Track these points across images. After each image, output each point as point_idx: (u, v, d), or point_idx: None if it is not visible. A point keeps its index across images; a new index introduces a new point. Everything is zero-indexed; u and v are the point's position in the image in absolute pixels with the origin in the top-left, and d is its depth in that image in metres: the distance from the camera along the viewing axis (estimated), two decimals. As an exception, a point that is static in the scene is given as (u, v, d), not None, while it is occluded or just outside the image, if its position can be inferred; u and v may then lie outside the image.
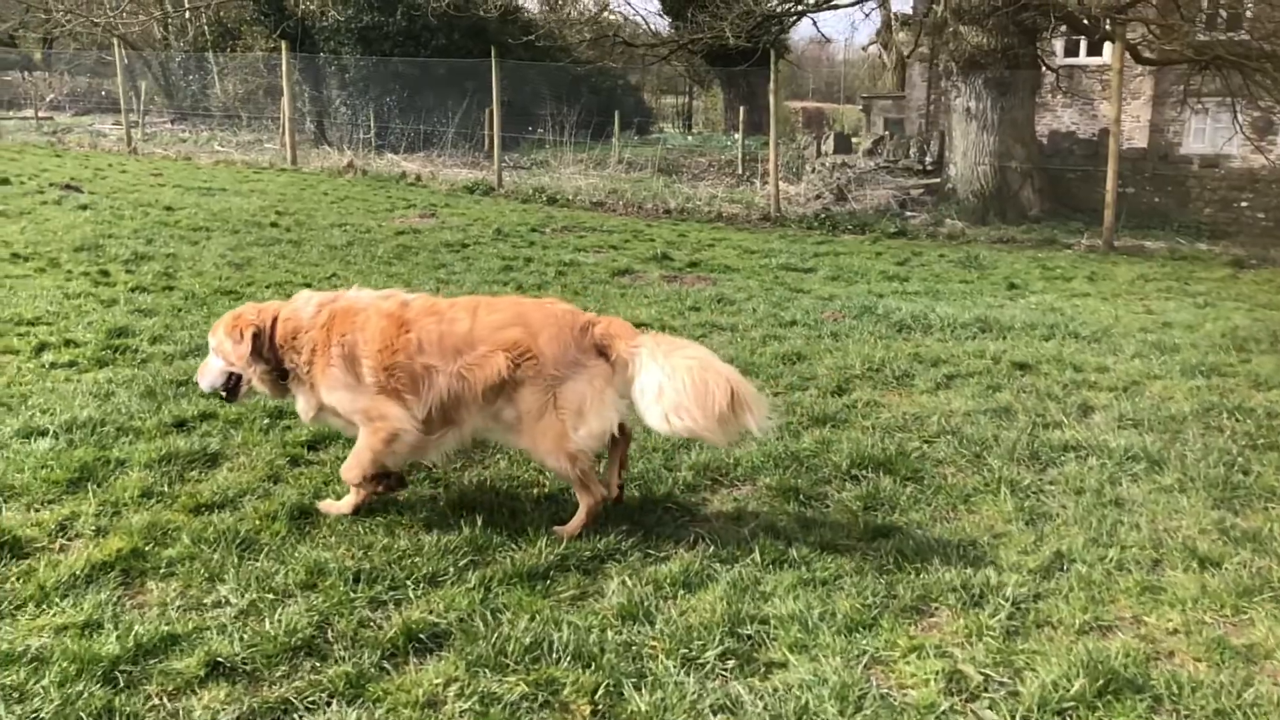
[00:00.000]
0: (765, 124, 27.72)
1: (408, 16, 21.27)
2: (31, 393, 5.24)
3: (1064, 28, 16.57)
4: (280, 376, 3.99)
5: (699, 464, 4.54)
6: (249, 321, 3.95)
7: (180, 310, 7.28)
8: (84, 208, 12.26)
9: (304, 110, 21.81)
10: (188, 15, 27.10)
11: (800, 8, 17.54)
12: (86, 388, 5.34)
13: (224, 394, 4.15)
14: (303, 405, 4.01)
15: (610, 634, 3.12)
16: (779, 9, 17.89)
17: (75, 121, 26.72)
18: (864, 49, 37.37)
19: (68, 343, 6.23)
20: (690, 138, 23.86)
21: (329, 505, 3.98)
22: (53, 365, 5.79)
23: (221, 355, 4.04)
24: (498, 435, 4.00)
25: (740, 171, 19.66)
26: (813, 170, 17.59)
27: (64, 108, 29.16)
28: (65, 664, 2.81)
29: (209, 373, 4.11)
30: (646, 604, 3.29)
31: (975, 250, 12.47)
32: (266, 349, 3.94)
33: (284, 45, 18.72)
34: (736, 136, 21.21)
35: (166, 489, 4.08)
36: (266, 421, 4.94)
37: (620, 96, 25.05)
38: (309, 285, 7.94)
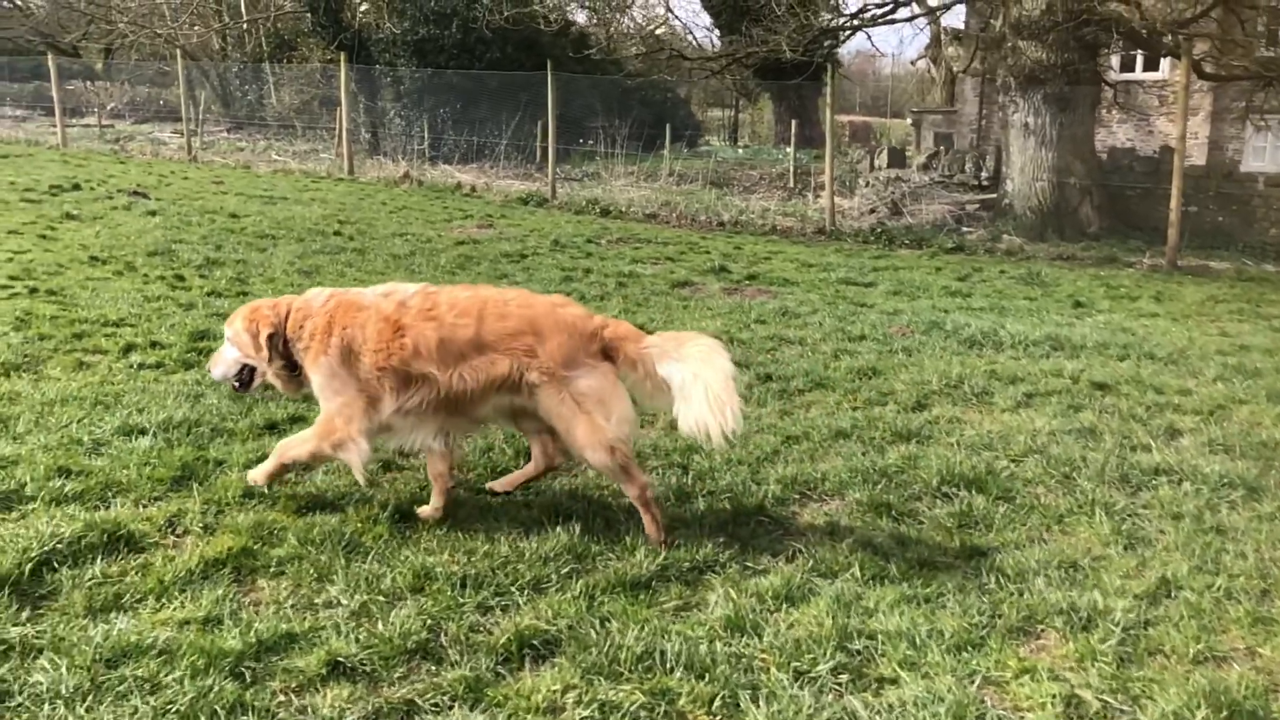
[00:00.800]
0: (815, 138, 27.68)
1: (463, 29, 21.51)
2: (124, 392, 5.36)
3: (1125, 43, 16.39)
4: (294, 371, 4.03)
5: (785, 477, 4.54)
6: (266, 319, 3.99)
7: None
8: (153, 213, 12.52)
9: (359, 121, 22.12)
10: (245, 27, 27.61)
11: (855, 22, 17.49)
12: (176, 388, 5.45)
13: (236, 384, 4.19)
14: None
15: (719, 645, 3.12)
16: (834, 24, 17.85)
17: (135, 129, 27.30)
18: (912, 63, 37.13)
19: (153, 344, 6.36)
20: (740, 151, 23.86)
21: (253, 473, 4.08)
22: (141, 366, 5.92)
23: (238, 346, 4.08)
24: (513, 426, 4.16)
25: (792, 185, 19.62)
26: (866, 184, 17.52)
27: (124, 116, 29.79)
28: (193, 658, 2.87)
29: (223, 362, 4.15)
30: (752, 616, 3.29)
31: (1036, 267, 12.34)
32: (282, 344, 3.99)
33: (342, 57, 19.02)
34: (788, 150, 21.18)
35: (266, 490, 4.15)
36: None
37: (670, 109, 25.14)
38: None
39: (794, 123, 20.36)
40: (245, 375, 4.14)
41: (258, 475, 4.06)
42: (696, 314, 8.53)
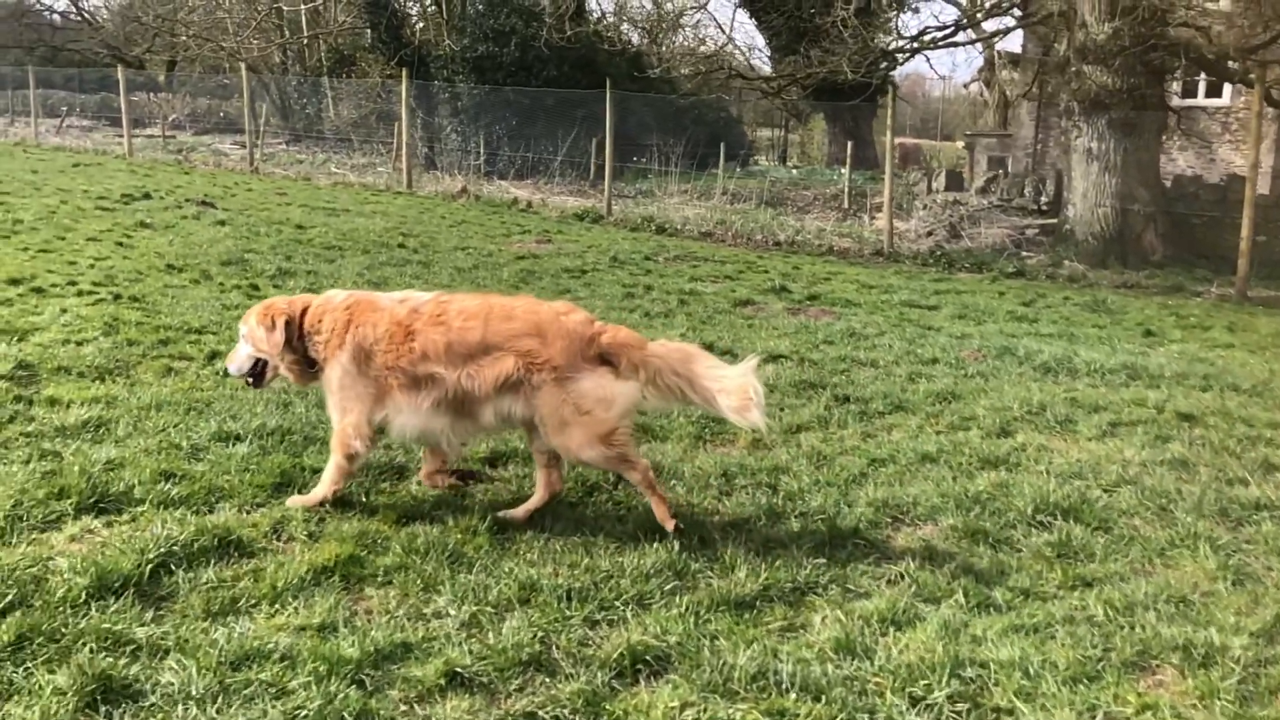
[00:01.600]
0: (869, 158, 27.57)
1: (521, 47, 21.76)
2: (214, 399, 5.46)
3: (1191, 68, 16.17)
4: (308, 364, 4.21)
5: (876, 500, 4.51)
6: (281, 310, 4.19)
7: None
8: (221, 223, 12.77)
9: (416, 135, 22.42)
10: (305, 42, 28.15)
11: (915, 45, 17.45)
12: (264, 396, 5.53)
13: (250, 380, 4.37)
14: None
15: (830, 667, 3.10)
16: (893, 46, 17.83)
17: (197, 140, 27.90)
18: (965, 86, 36.86)
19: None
20: (794, 171, 23.86)
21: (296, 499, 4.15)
22: (227, 373, 6.02)
23: (251, 342, 4.26)
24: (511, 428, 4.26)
25: (846, 206, 19.56)
26: (924, 207, 17.43)
27: (185, 127, 30.48)
28: (315, 664, 2.91)
29: (237, 358, 4.34)
30: (861, 640, 3.27)
31: (1100, 294, 12.18)
32: (295, 338, 4.16)
33: (404, 73, 19.32)
34: (843, 171, 21.13)
35: (364, 499, 4.20)
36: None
37: (722, 128, 25.21)
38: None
39: (849, 144, 20.30)
40: (258, 370, 4.32)
41: (311, 501, 4.13)
42: (762, 333, 8.51)
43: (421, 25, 25.43)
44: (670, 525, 3.92)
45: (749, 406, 3.92)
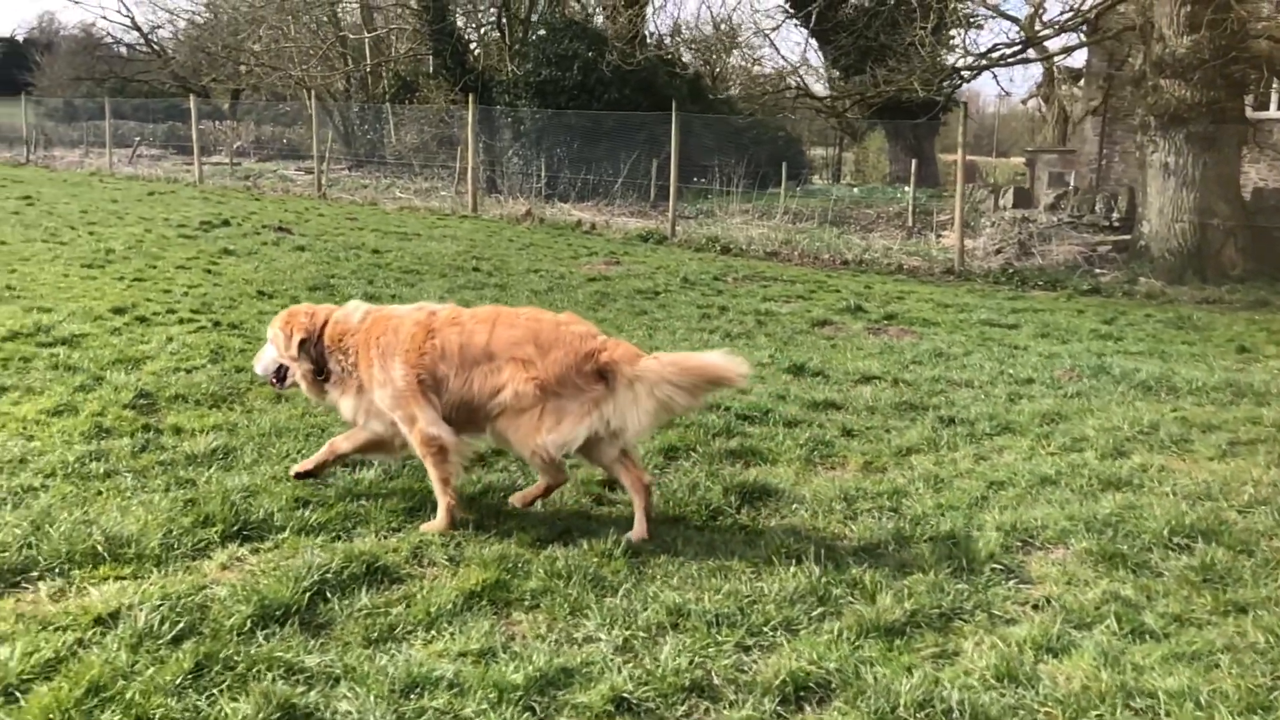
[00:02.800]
0: (930, 176, 27.35)
1: (583, 71, 21.98)
2: (329, 424, 5.55)
3: (1271, 80, 15.85)
4: (320, 378, 4.35)
5: (1003, 524, 4.45)
6: (301, 325, 4.35)
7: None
8: (301, 249, 13.03)
9: (478, 159, 22.72)
10: (368, 69, 28.72)
11: (983, 62, 17.31)
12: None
13: (274, 381, 4.55)
14: (347, 406, 4.34)
15: (995, 695, 3.06)
16: (960, 63, 17.72)
17: (263, 167, 28.54)
18: (1023, 102, 36.48)
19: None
20: (856, 189, 23.77)
21: (428, 526, 4.20)
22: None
23: (275, 346, 4.45)
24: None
25: (911, 224, 19.41)
26: (992, 224, 17.23)
27: (249, 154, 31.20)
28: (485, 690, 2.94)
29: (263, 360, 4.56)
30: (1020, 667, 3.22)
31: (1183, 311, 11.94)
32: (313, 349, 4.31)
33: (470, 99, 19.60)
34: (906, 189, 20.99)
35: (495, 523, 4.24)
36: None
37: (781, 148, 25.20)
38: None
39: (914, 161, 20.16)
40: (281, 373, 4.50)
41: (437, 527, 4.19)
42: (847, 354, 8.47)
43: (484, 51, 25.81)
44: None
45: (732, 361, 4.10)
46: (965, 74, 17.35)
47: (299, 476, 4.49)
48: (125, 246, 11.98)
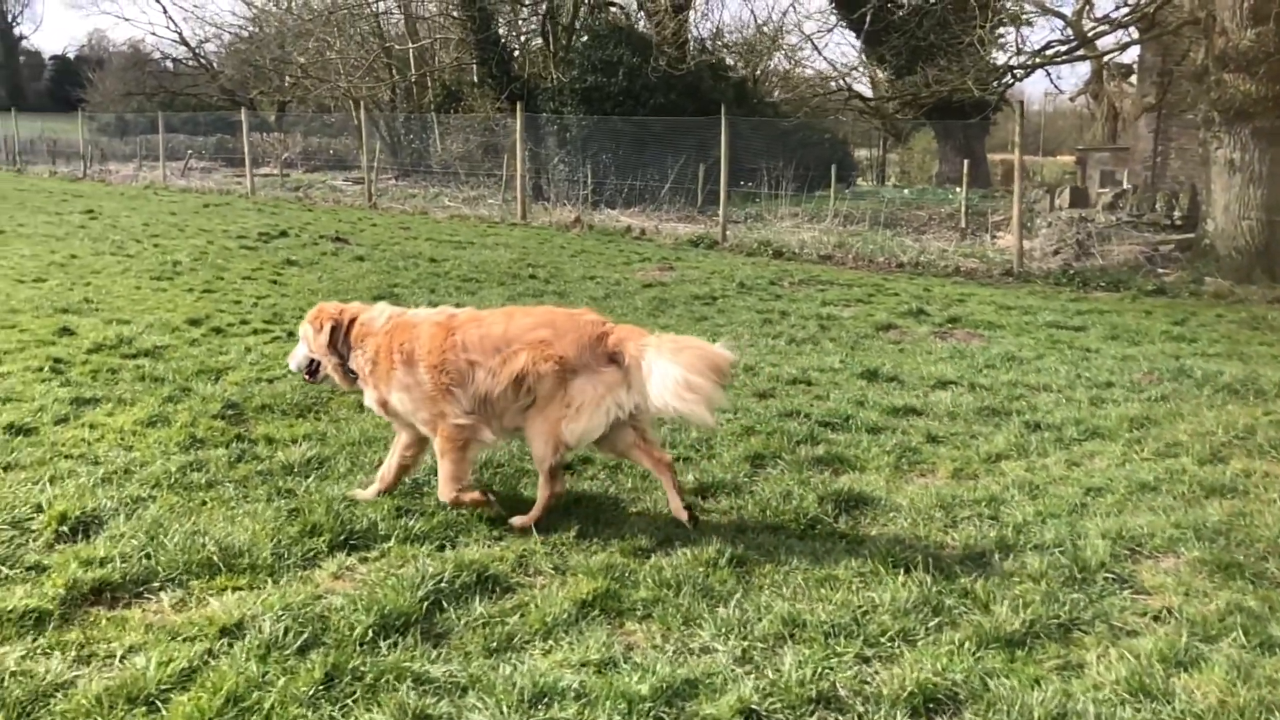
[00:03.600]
0: (981, 177, 27.06)
1: (629, 77, 22.03)
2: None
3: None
4: (348, 370, 4.54)
5: (1108, 532, 4.36)
6: (329, 316, 4.56)
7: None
8: (360, 259, 13.17)
9: (525, 167, 22.86)
10: (414, 79, 29.01)
11: (1037, 61, 17.09)
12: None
13: (306, 375, 4.76)
14: (370, 399, 4.52)
15: (1130, 709, 2.99)
16: (1012, 62, 17.51)
17: (311, 178, 28.92)
18: (1071, 99, 35.95)
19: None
20: (907, 191, 23.59)
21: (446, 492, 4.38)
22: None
23: (306, 341, 4.65)
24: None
25: (964, 225, 19.21)
26: (1048, 224, 16.99)
27: (296, 165, 31.64)
28: (613, 700, 2.93)
29: (296, 355, 4.77)
30: (1151, 681, 3.15)
31: (1256, 311, 11.68)
32: (341, 343, 4.50)
33: (519, 107, 19.71)
34: (957, 190, 20.77)
35: (594, 531, 4.23)
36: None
37: (827, 151, 25.07)
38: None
39: (965, 162, 19.96)
40: (312, 368, 4.72)
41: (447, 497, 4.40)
42: (917, 358, 8.38)
43: (528, 59, 25.96)
44: (529, 528, 4.18)
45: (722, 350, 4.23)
46: (1018, 72, 17.10)
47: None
48: (190, 258, 12.18)
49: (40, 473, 4.62)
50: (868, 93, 29.82)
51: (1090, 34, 18.55)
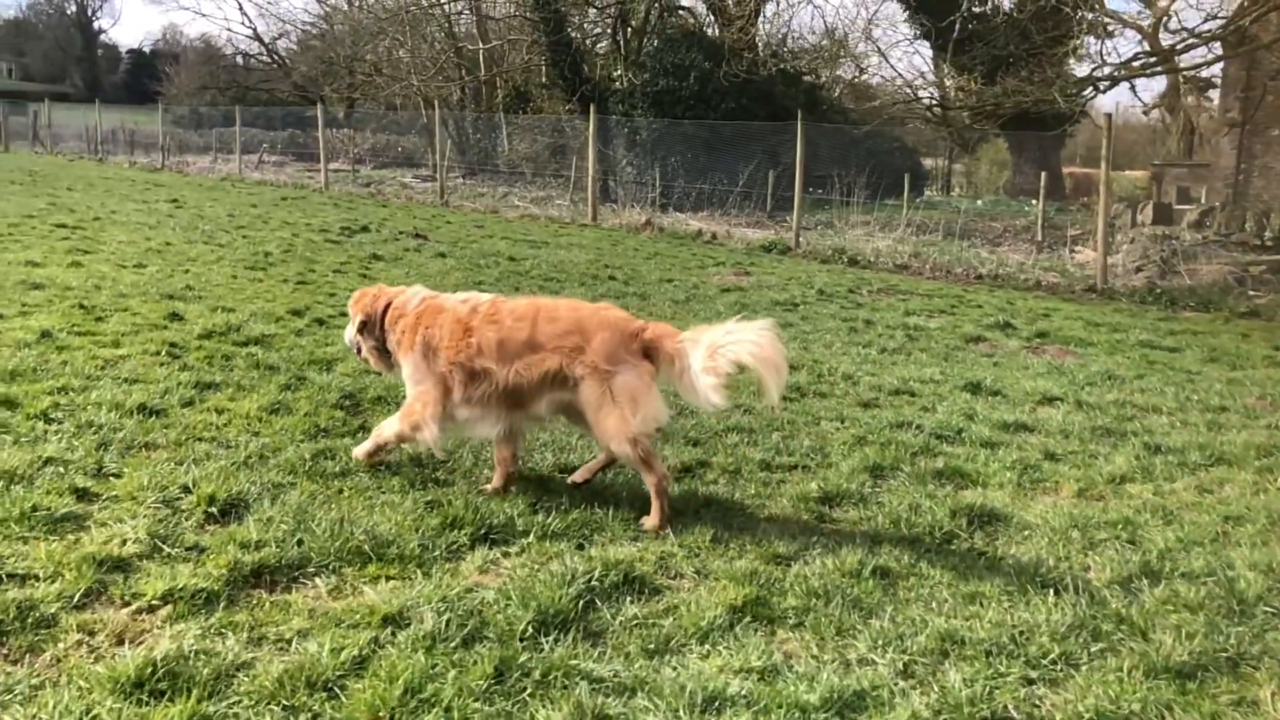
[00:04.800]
0: (1056, 189, 26.59)
1: (700, 81, 22.01)
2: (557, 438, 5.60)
3: None
4: (385, 352, 4.74)
5: (1257, 563, 4.23)
6: (364, 309, 4.78)
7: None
8: (442, 255, 13.29)
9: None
10: (483, 79, 29.28)
11: (1123, 72, 16.75)
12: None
13: (357, 352, 4.99)
14: (403, 376, 4.70)
15: (1320, 747, 2.89)
16: (1098, 73, 17.19)
17: (381, 174, 29.30)
18: (1145, 113, 35.24)
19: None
20: (980, 202, 23.28)
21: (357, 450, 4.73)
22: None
23: (353, 323, 4.89)
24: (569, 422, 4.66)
25: (1039, 238, 18.90)
26: (1130, 240, 16.65)
27: (365, 161, 32.07)
28: (783, 710, 2.89)
29: (347, 335, 5.01)
30: (1336, 717, 3.04)
31: (1360, 335, 11.32)
32: (377, 329, 4.71)
33: (592, 109, 19.78)
34: (1034, 202, 20.45)
35: (729, 537, 4.21)
36: (763, 476, 5.07)
37: (897, 158, 24.84)
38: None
39: (1043, 174, 19.63)
40: (359, 346, 4.92)
41: (359, 452, 4.72)
42: (1013, 372, 8.25)
43: (599, 62, 26.06)
44: (658, 531, 4.20)
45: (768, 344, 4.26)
46: (1103, 84, 16.78)
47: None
48: (280, 250, 12.38)
49: (179, 454, 4.71)
50: (937, 103, 29.47)
51: (1173, 47, 18.15)
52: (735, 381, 4.48)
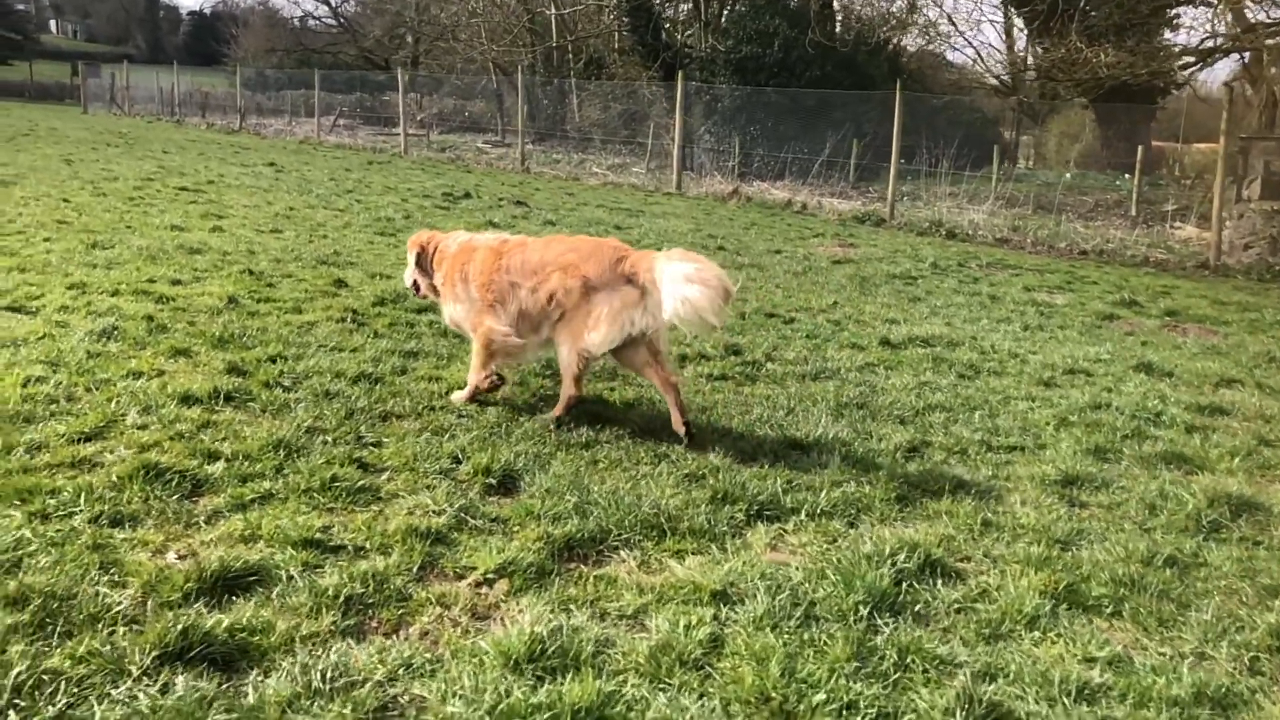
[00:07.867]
0: (1146, 162, 25.92)
1: (784, 48, 21.68)
2: (715, 402, 5.57)
3: None
4: (435, 288, 5.32)
5: None
6: (416, 242, 5.45)
7: (751, 328, 7.61)
8: (550, 223, 13.25)
9: (671, 137, 22.76)
10: (554, 45, 29.07)
11: (1233, 44, 16.25)
12: (732, 397, 5.62)
13: (414, 290, 5.57)
14: (445, 314, 5.34)
15: None
16: (1205, 45, 16.70)
17: (455, 139, 29.24)
18: (1225, 84, 34.22)
19: (700, 356, 6.63)
20: (1069, 175, 22.84)
21: (455, 396, 5.19)
22: (711, 376, 6.17)
23: (410, 264, 5.49)
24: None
25: (1134, 213, 18.52)
26: (1238, 216, 16.22)
27: (434, 126, 32.04)
28: (1163, 705, 2.85)
29: (407, 274, 5.55)
30: None
31: None
32: (429, 266, 5.34)
33: (680, 76, 19.56)
34: (1126, 176, 20.02)
35: (994, 518, 4.16)
36: (991, 457, 5.01)
37: (980, 129, 24.39)
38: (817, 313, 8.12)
39: (1139, 148, 19.19)
40: (416, 285, 5.52)
41: (462, 397, 5.14)
42: (1168, 351, 8.10)
43: (679, 28, 25.75)
44: (554, 423, 4.84)
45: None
46: (1214, 56, 16.30)
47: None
48: (400, 216, 12.41)
49: (425, 423, 4.73)
50: (1005, 74, 28.81)
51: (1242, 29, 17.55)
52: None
